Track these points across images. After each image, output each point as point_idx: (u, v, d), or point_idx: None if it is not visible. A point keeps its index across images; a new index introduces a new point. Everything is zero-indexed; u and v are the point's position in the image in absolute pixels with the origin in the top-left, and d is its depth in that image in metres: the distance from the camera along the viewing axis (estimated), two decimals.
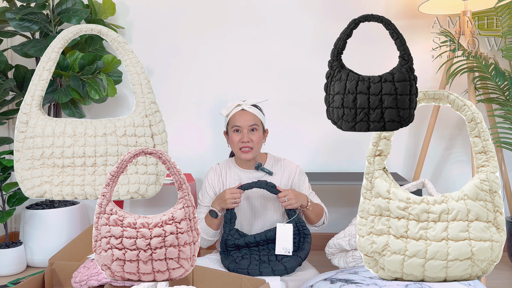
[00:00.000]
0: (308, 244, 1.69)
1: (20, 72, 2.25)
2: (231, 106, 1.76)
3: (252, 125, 1.73)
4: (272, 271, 1.59)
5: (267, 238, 1.69)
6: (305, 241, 1.69)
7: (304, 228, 1.71)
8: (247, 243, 1.69)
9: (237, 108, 1.75)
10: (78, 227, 2.31)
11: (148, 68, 2.55)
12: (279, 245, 1.65)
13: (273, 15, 2.52)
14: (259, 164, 1.78)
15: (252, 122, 1.73)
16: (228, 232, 1.70)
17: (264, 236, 1.69)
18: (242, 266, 1.61)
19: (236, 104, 1.75)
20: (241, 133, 1.72)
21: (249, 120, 1.73)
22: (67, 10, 2.23)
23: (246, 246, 1.71)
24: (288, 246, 1.65)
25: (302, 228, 1.71)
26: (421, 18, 2.40)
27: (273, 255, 1.67)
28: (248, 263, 1.63)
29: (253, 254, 1.69)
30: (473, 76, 2.13)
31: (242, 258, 1.67)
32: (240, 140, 1.72)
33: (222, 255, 1.69)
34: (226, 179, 1.82)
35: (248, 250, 1.71)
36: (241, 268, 1.60)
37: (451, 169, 2.47)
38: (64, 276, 1.68)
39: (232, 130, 1.74)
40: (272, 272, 1.58)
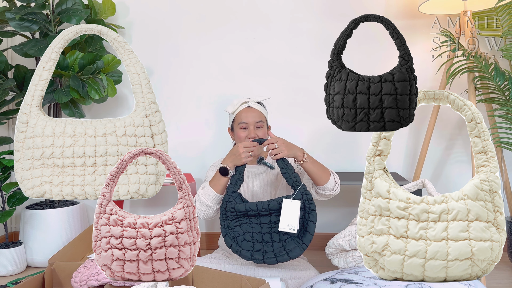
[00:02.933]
0: (312, 225, 1.55)
1: (20, 72, 2.25)
2: (237, 104, 1.79)
3: (258, 122, 1.77)
4: (276, 261, 1.52)
5: (270, 208, 1.57)
6: (310, 220, 1.55)
7: (310, 203, 1.56)
8: (247, 210, 1.57)
9: (243, 105, 1.79)
10: (78, 227, 2.31)
11: (148, 68, 2.55)
12: (284, 221, 1.52)
13: (274, 15, 2.52)
14: (261, 158, 1.84)
15: (258, 119, 1.77)
16: (230, 194, 1.61)
17: (267, 205, 1.57)
18: (245, 247, 1.53)
19: (242, 101, 1.79)
20: (248, 130, 1.76)
21: (255, 116, 1.77)
22: (67, 10, 2.23)
23: (246, 214, 1.59)
24: (294, 223, 1.51)
25: (308, 202, 1.56)
26: (421, 18, 2.40)
27: (276, 233, 1.56)
28: (252, 245, 1.53)
29: (254, 227, 1.58)
30: (473, 76, 2.13)
31: (244, 234, 1.56)
32: (247, 136, 1.76)
33: (222, 224, 1.60)
34: None
35: (249, 220, 1.59)
36: (246, 250, 1.53)
37: (451, 169, 2.47)
38: (64, 276, 1.68)
39: (239, 127, 1.77)
40: (276, 261, 1.52)
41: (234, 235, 1.58)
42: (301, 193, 1.57)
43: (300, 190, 1.57)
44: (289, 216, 1.52)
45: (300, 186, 1.57)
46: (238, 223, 1.58)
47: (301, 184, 1.58)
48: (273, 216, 1.58)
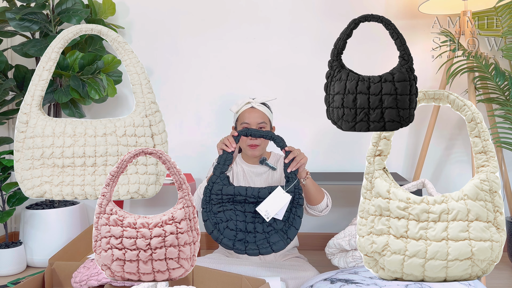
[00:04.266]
0: (298, 220, 1.47)
1: (20, 72, 2.25)
2: (241, 103, 1.79)
3: (261, 123, 1.76)
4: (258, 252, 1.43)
5: (259, 195, 1.47)
6: (297, 215, 1.47)
7: (299, 197, 1.49)
8: (235, 194, 1.47)
9: (247, 105, 1.79)
10: (78, 227, 2.31)
11: (148, 68, 2.55)
12: (265, 204, 1.44)
13: (273, 14, 2.52)
14: (263, 158, 1.84)
15: (261, 120, 1.77)
16: (218, 175, 1.50)
17: (257, 192, 1.47)
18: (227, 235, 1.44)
19: (246, 101, 1.79)
20: None
21: (258, 117, 1.76)
22: (67, 10, 2.23)
23: (232, 200, 1.48)
24: (272, 212, 1.44)
25: (298, 196, 1.49)
26: (421, 18, 2.40)
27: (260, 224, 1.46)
28: (235, 234, 1.44)
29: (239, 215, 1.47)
30: (473, 76, 2.13)
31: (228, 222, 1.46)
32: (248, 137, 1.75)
33: (204, 207, 1.48)
34: (232, 170, 1.85)
35: (233, 207, 1.48)
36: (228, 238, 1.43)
37: (451, 169, 2.47)
38: (64, 276, 1.68)
39: (242, 127, 1.78)
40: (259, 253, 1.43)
41: (216, 221, 1.46)
42: (294, 186, 1.50)
43: (295, 184, 1.50)
44: (272, 204, 1.45)
45: (296, 181, 1.51)
46: (221, 209, 1.47)
47: (296, 179, 1.52)
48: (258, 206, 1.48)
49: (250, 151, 1.77)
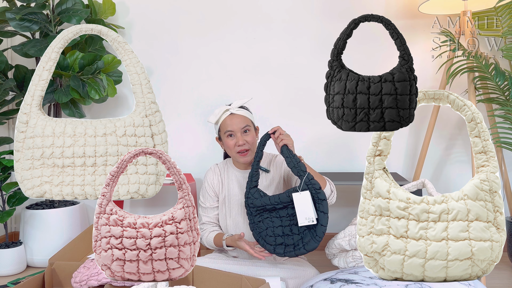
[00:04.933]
0: (324, 216, 1.51)
1: (20, 72, 2.25)
2: (218, 113, 1.74)
3: (244, 127, 1.73)
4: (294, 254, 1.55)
5: (281, 201, 1.57)
6: (320, 211, 1.52)
7: (318, 192, 1.52)
8: (263, 205, 1.60)
9: (226, 113, 1.74)
10: (78, 227, 2.31)
11: (148, 68, 2.55)
12: (301, 216, 1.51)
13: (273, 15, 2.52)
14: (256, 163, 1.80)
15: (244, 124, 1.73)
16: (248, 190, 1.64)
17: (278, 198, 1.57)
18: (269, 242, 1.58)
19: (224, 109, 1.74)
20: (235, 137, 1.72)
21: (240, 122, 1.72)
22: (67, 10, 2.23)
23: (265, 209, 1.61)
24: (310, 215, 1.50)
25: (315, 192, 1.53)
26: (421, 18, 2.40)
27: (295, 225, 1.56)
28: (274, 239, 1.57)
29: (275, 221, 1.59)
30: (473, 76, 2.13)
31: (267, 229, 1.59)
32: (235, 144, 1.72)
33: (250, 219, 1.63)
34: (225, 178, 1.83)
35: (269, 215, 1.60)
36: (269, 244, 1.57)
37: (451, 169, 2.47)
38: (64, 276, 1.68)
39: (226, 136, 1.74)
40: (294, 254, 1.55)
41: (259, 230, 1.61)
42: (306, 184, 1.54)
43: (305, 181, 1.54)
44: (303, 209, 1.52)
45: (305, 177, 1.54)
46: (260, 218, 1.62)
47: (306, 173, 1.54)
48: (289, 209, 1.58)
49: (241, 158, 1.74)
